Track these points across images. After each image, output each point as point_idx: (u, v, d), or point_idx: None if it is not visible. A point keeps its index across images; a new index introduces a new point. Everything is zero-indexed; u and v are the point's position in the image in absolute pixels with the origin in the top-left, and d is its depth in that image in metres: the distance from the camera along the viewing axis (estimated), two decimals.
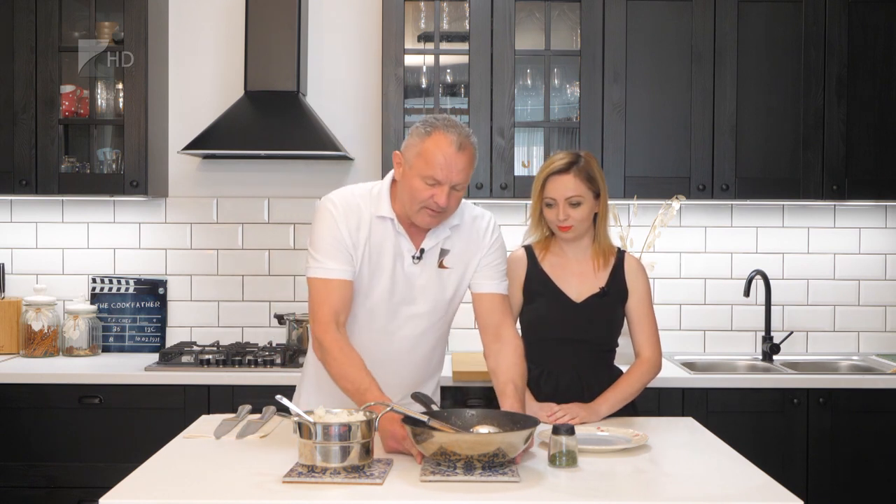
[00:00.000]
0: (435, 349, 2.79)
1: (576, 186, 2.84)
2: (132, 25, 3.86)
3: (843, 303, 4.25)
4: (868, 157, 3.92)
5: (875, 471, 3.67)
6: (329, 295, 2.58)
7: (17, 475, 3.62)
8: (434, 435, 2.24)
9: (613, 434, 2.62)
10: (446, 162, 2.50)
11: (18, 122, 3.84)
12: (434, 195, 2.51)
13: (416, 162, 2.53)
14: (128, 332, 4.15)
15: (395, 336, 2.70)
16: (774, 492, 2.15)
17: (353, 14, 4.20)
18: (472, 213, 2.74)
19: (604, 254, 2.94)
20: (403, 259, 2.64)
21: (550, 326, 2.92)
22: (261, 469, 2.28)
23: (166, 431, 2.83)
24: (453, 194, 2.54)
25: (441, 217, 2.58)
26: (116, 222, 4.19)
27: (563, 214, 2.85)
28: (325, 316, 2.57)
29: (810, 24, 3.89)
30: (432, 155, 2.50)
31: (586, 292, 2.92)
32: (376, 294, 2.65)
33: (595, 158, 2.94)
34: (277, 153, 3.94)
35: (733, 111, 3.89)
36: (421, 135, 2.54)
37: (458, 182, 2.53)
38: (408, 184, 2.55)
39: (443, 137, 2.51)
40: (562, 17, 4.01)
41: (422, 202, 2.53)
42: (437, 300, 2.70)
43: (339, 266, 2.59)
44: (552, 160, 2.90)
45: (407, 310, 2.68)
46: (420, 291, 2.67)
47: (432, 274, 2.67)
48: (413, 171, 2.53)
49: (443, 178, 2.50)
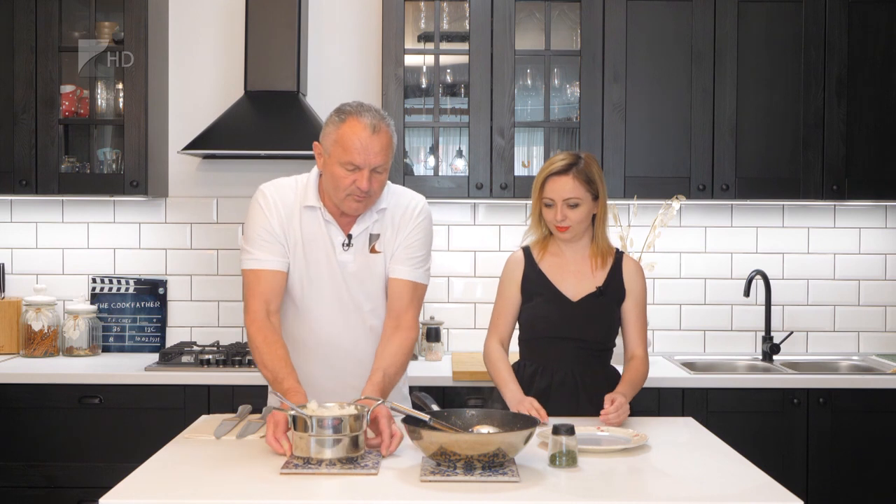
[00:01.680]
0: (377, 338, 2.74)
1: (574, 188, 2.85)
2: (132, 25, 3.86)
3: (843, 303, 4.25)
4: (868, 157, 3.92)
5: (875, 471, 3.67)
6: (259, 285, 2.63)
7: (17, 475, 3.62)
8: (434, 435, 2.24)
9: (613, 434, 2.62)
10: (362, 146, 2.54)
11: (18, 122, 3.84)
12: (355, 180, 2.55)
13: (333, 150, 2.57)
14: (128, 332, 4.15)
15: (335, 324, 2.72)
16: (774, 492, 2.15)
17: (353, 14, 4.20)
18: (404, 197, 2.76)
19: (602, 254, 2.95)
20: (335, 247, 2.68)
21: (547, 325, 2.93)
22: (261, 468, 2.28)
23: (166, 431, 2.83)
24: (375, 177, 2.58)
25: (367, 201, 2.62)
26: (116, 222, 4.19)
27: (561, 215, 2.86)
28: (255, 306, 2.62)
29: (810, 24, 3.89)
30: (348, 140, 2.54)
31: (583, 291, 2.92)
32: (313, 284, 2.69)
33: (595, 160, 2.94)
34: (277, 153, 3.94)
35: (733, 111, 3.90)
36: (336, 122, 2.58)
37: (378, 164, 2.56)
38: (329, 172, 2.60)
39: (356, 122, 2.55)
40: (562, 17, 4.01)
41: (345, 189, 2.57)
42: (372, 285, 2.72)
43: (269, 256, 2.65)
44: (552, 161, 2.91)
45: (344, 297, 2.70)
46: (353, 277, 2.70)
47: (365, 260, 2.71)
48: (332, 158, 2.58)
49: (361, 163, 2.54)
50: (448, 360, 3.94)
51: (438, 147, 3.98)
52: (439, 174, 3.96)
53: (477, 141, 3.88)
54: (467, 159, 3.93)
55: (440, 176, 3.94)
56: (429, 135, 4.07)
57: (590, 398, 2.87)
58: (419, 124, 4.05)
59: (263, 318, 2.62)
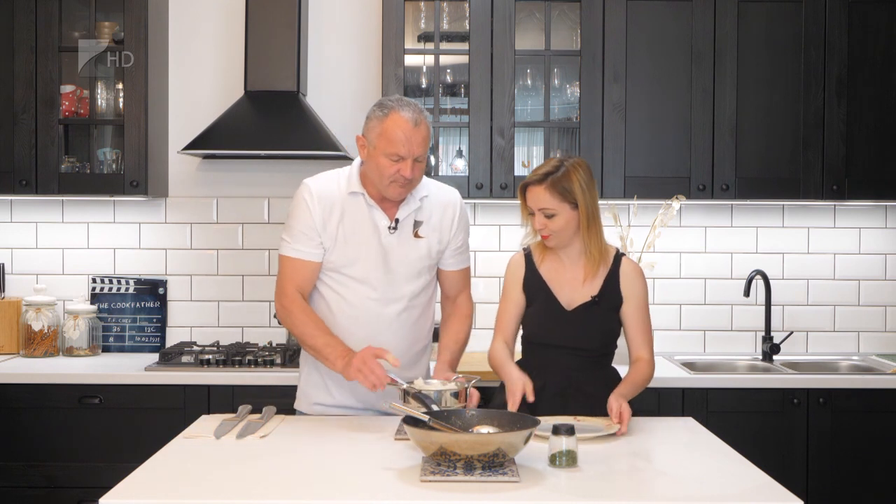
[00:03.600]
0: (423, 316, 2.98)
1: (547, 199, 2.84)
2: (132, 25, 3.86)
3: (843, 303, 4.25)
4: (868, 157, 3.92)
5: (875, 470, 3.67)
6: (296, 272, 2.88)
7: (17, 475, 3.62)
8: (434, 435, 2.24)
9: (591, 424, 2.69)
10: (406, 138, 2.76)
11: (18, 122, 3.84)
12: (400, 169, 2.78)
13: (378, 142, 2.79)
14: (128, 332, 4.15)
15: (383, 305, 2.89)
16: (774, 492, 2.15)
17: (353, 14, 4.20)
18: (443, 191, 3.01)
19: (594, 262, 2.92)
20: (380, 231, 2.88)
21: (543, 333, 2.94)
22: (261, 469, 2.28)
23: (166, 431, 2.84)
24: (416, 166, 2.80)
25: (409, 187, 2.85)
26: (116, 222, 4.19)
27: (540, 224, 2.87)
28: (290, 288, 2.88)
29: (810, 24, 3.89)
30: (393, 133, 2.77)
31: (578, 299, 2.92)
32: (359, 265, 2.87)
33: (583, 166, 2.88)
34: (277, 153, 3.94)
35: (733, 111, 3.90)
36: (379, 117, 2.80)
37: (419, 154, 2.79)
38: (374, 163, 2.81)
39: (399, 116, 2.78)
40: (562, 17, 4.01)
41: (390, 177, 2.79)
42: (417, 267, 2.92)
43: (307, 249, 2.87)
44: (537, 168, 2.90)
45: (390, 278, 2.89)
46: (400, 260, 2.89)
47: (409, 243, 2.91)
48: (377, 150, 2.79)
49: (405, 153, 2.77)
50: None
51: (438, 147, 3.98)
52: (439, 174, 3.96)
53: (477, 141, 3.88)
54: (467, 159, 3.93)
55: (440, 176, 3.94)
56: None
57: (581, 401, 2.86)
58: None
59: (299, 298, 2.87)
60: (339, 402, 2.95)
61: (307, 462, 2.38)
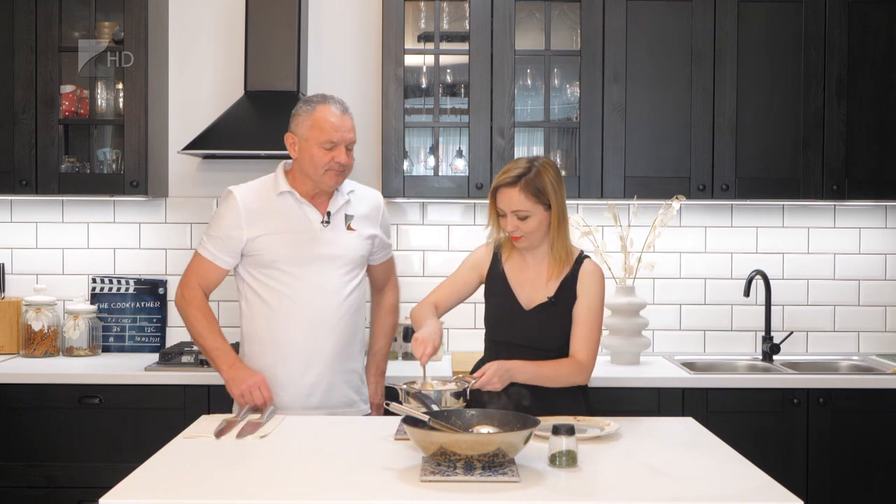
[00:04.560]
0: (358, 309, 3.13)
1: (521, 201, 2.83)
2: (132, 25, 3.86)
3: (843, 303, 4.25)
4: (868, 157, 3.92)
5: (875, 471, 3.67)
6: (204, 271, 3.09)
7: (17, 475, 3.62)
8: (434, 435, 2.24)
9: (591, 424, 2.69)
10: (338, 124, 2.95)
11: (18, 122, 3.84)
12: (334, 157, 2.94)
13: (310, 133, 2.95)
14: (128, 332, 4.15)
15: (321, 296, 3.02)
16: (774, 492, 2.15)
17: (353, 14, 4.20)
18: (363, 186, 3.20)
19: (559, 262, 2.92)
20: (312, 225, 3.02)
21: (500, 329, 2.96)
22: (261, 469, 2.28)
23: (166, 431, 2.84)
24: (348, 153, 2.99)
25: (344, 174, 3.02)
26: (116, 222, 4.19)
27: (512, 226, 2.87)
28: (194, 282, 3.09)
29: (810, 24, 3.89)
30: (324, 122, 2.95)
31: (537, 300, 2.92)
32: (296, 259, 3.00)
33: (552, 166, 2.89)
34: (277, 153, 3.93)
35: (733, 111, 3.90)
36: (308, 111, 2.98)
37: (349, 140, 2.98)
38: (307, 155, 2.97)
39: (327, 108, 2.97)
40: (562, 17, 4.01)
41: (325, 166, 2.95)
42: (351, 258, 3.07)
43: (220, 255, 3.06)
44: (506, 169, 2.89)
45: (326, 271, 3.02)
46: (335, 251, 3.03)
47: (343, 236, 3.06)
48: (309, 142, 2.96)
49: (338, 139, 2.95)
50: (448, 361, 3.94)
51: (438, 147, 3.98)
52: (439, 174, 3.96)
53: (477, 141, 3.88)
54: (467, 159, 3.93)
55: (440, 176, 3.94)
56: (429, 135, 4.07)
57: (537, 399, 2.81)
58: (419, 124, 4.04)
59: (200, 295, 3.10)
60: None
61: (307, 462, 2.38)
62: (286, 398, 3.00)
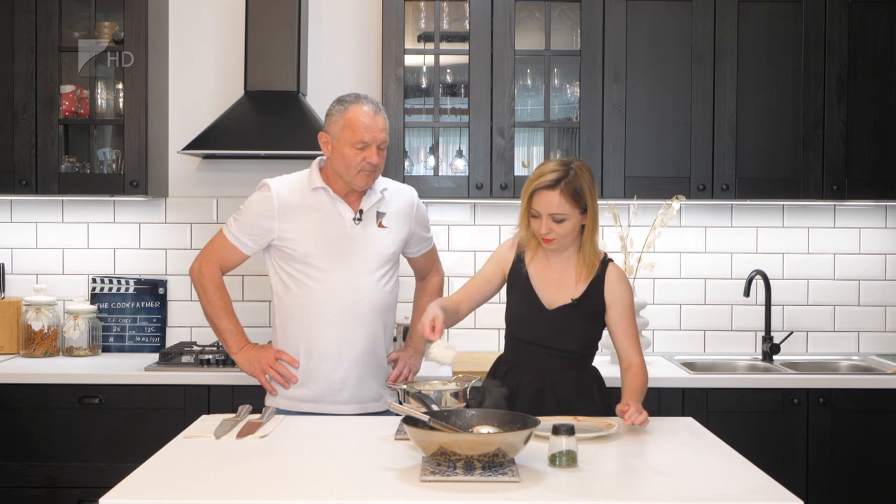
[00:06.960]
0: (389, 307, 3.15)
1: (560, 204, 2.81)
2: (132, 25, 3.86)
3: (843, 303, 4.25)
4: (868, 157, 3.92)
5: (875, 470, 3.67)
6: (226, 253, 3.12)
7: (17, 475, 3.62)
8: (434, 435, 2.24)
9: (591, 424, 2.68)
10: (369, 125, 2.95)
11: (18, 122, 3.84)
12: (366, 157, 2.95)
13: (343, 134, 2.97)
14: (128, 332, 4.15)
15: (352, 293, 3.03)
16: (774, 492, 2.15)
17: (353, 14, 4.20)
18: (397, 184, 3.22)
19: (586, 265, 2.92)
20: (345, 222, 3.04)
21: (521, 328, 2.95)
22: (261, 469, 2.28)
23: (166, 431, 2.84)
24: (380, 152, 2.99)
25: (375, 174, 3.03)
26: (116, 222, 4.19)
27: (546, 228, 2.84)
28: (214, 261, 3.12)
29: (810, 24, 3.89)
30: (356, 122, 2.95)
31: (560, 301, 2.91)
32: (327, 255, 3.02)
33: (588, 169, 2.87)
34: (277, 153, 3.94)
35: (733, 111, 3.90)
36: (341, 111, 2.99)
37: (382, 140, 2.99)
38: (340, 154, 2.98)
39: (359, 108, 2.98)
40: (562, 17, 4.01)
41: (357, 166, 2.96)
42: (382, 255, 3.08)
43: (245, 240, 3.09)
44: (542, 170, 2.84)
45: (357, 267, 3.04)
46: (366, 249, 3.05)
47: (374, 233, 3.07)
48: (342, 142, 2.97)
49: (370, 140, 2.95)
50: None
51: (438, 147, 3.98)
52: (439, 174, 3.96)
53: (477, 141, 3.88)
54: (467, 159, 3.93)
55: (440, 176, 3.94)
56: (429, 135, 4.07)
57: (556, 399, 2.85)
58: (419, 124, 4.05)
59: (219, 274, 3.13)
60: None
61: (307, 462, 2.38)
62: (317, 392, 3.06)
